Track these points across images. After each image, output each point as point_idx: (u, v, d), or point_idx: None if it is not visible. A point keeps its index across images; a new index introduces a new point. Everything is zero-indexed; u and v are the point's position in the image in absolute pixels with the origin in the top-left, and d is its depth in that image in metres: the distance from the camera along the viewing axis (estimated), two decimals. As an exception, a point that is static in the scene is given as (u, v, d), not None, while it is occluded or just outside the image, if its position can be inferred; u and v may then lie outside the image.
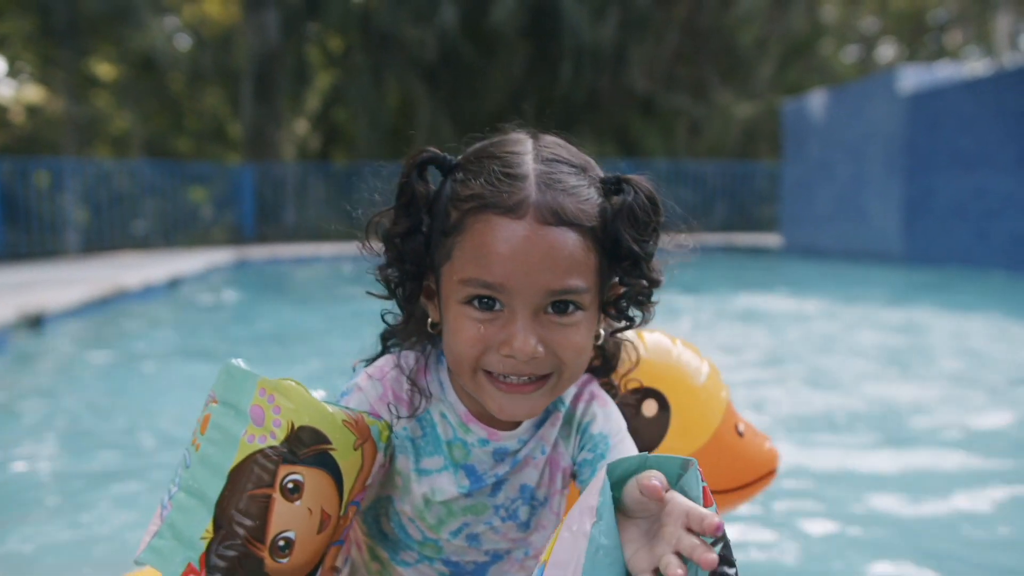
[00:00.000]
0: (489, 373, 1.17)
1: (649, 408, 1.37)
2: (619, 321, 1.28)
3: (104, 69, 21.59)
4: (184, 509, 1.10)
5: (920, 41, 25.68)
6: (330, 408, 1.16)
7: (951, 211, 12.81)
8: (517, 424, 1.28)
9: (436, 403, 1.29)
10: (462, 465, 1.28)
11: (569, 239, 1.12)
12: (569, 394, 1.31)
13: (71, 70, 19.76)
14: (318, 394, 1.18)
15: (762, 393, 4.46)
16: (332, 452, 1.15)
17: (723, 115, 22.43)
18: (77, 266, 11.89)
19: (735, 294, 9.27)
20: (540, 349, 1.12)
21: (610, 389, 1.36)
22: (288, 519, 1.11)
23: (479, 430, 1.27)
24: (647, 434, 1.37)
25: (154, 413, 4.17)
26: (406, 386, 1.27)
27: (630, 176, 1.23)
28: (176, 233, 16.49)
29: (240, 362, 1.15)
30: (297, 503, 1.12)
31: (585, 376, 1.33)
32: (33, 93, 21.12)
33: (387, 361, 1.30)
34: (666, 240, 1.27)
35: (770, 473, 1.45)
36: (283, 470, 1.11)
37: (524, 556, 1.35)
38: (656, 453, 1.29)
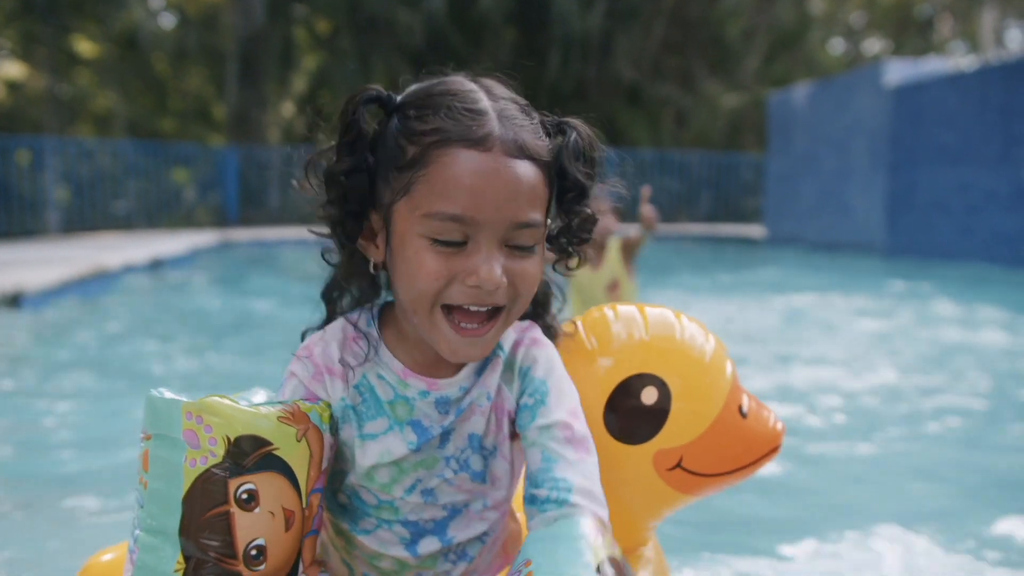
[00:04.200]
0: (446, 313, 1.18)
1: (649, 396, 1.33)
2: (560, 256, 1.32)
3: (86, 47, 21.36)
4: (150, 548, 1.12)
5: (906, 35, 25.77)
6: (262, 410, 1.16)
7: (934, 205, 12.89)
8: (455, 372, 1.28)
9: (371, 367, 1.28)
10: (407, 422, 1.27)
11: (531, 172, 1.16)
12: (508, 340, 1.30)
13: (53, 47, 19.54)
14: (257, 396, 1.19)
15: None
16: (276, 452, 1.15)
17: (709, 106, 22.45)
18: (57, 246, 11.80)
19: (714, 281, 9.31)
20: (504, 279, 1.15)
21: (547, 330, 1.37)
22: (253, 528, 1.12)
23: (418, 383, 1.27)
24: (646, 423, 1.33)
25: (131, 395, 4.14)
26: (336, 355, 1.27)
27: (568, 118, 1.28)
28: (159, 214, 16.36)
29: (162, 391, 1.15)
30: (256, 511, 1.13)
31: (527, 322, 1.34)
32: (14, 70, 20.86)
33: (313, 339, 1.31)
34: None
35: (773, 451, 1.41)
36: (233, 484, 1.12)
37: (483, 507, 1.34)
38: (657, 440, 1.31)
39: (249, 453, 1.13)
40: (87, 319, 6.68)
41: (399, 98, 1.24)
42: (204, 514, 1.10)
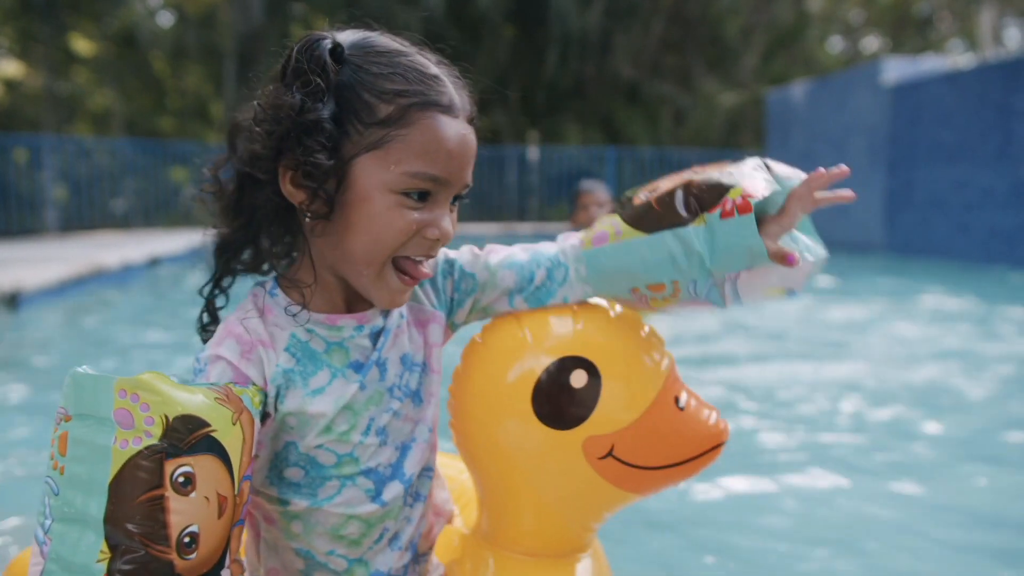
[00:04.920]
0: (396, 264, 1.23)
1: (578, 379, 1.30)
2: None
3: (84, 45, 21.34)
4: (66, 538, 1.04)
5: (905, 33, 25.77)
6: (199, 389, 1.11)
7: (932, 203, 12.90)
8: (370, 305, 1.32)
9: (294, 327, 1.28)
10: (347, 365, 1.29)
11: (474, 137, 1.26)
12: None
13: (51, 45, 19.52)
14: (175, 378, 1.13)
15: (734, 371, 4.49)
16: (214, 434, 1.10)
17: (708, 104, 22.46)
18: (55, 245, 11.78)
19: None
20: None
21: None
22: (188, 514, 1.06)
23: (350, 320, 1.30)
24: (575, 406, 1.30)
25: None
26: (262, 327, 1.26)
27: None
28: (156, 213, 16.34)
29: (86, 369, 1.09)
30: (192, 495, 1.07)
31: None
32: (12, 68, 20.84)
33: (229, 320, 1.27)
34: None
35: (715, 448, 1.36)
36: (170, 465, 1.05)
37: (428, 433, 1.38)
38: (587, 426, 1.30)
39: (187, 434, 1.07)
40: (85, 318, 6.67)
41: (346, 50, 1.25)
42: (135, 499, 1.03)
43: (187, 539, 1.06)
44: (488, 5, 20.67)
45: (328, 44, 1.24)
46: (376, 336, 1.32)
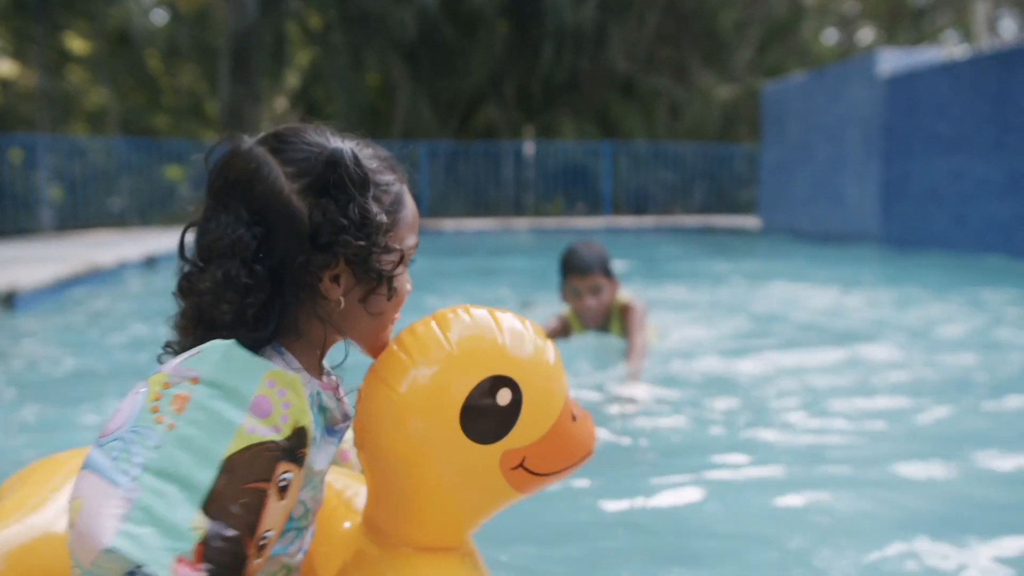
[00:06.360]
0: None
1: (503, 397, 1.36)
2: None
3: (78, 44, 21.29)
4: (159, 494, 1.01)
5: (900, 25, 25.78)
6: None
7: (928, 194, 12.91)
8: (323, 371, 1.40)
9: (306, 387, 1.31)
10: (325, 427, 1.35)
11: None
12: None
13: (45, 44, 19.47)
14: None
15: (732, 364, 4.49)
16: (304, 456, 1.15)
17: (703, 97, 22.44)
18: (51, 244, 11.76)
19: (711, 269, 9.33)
20: None
21: None
22: (274, 518, 1.09)
23: (328, 387, 1.37)
24: (500, 423, 1.37)
25: (127, 393, 4.13)
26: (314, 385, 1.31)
27: None
28: (152, 211, 16.32)
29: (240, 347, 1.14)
30: (283, 502, 1.10)
31: None
32: (6, 67, 20.79)
33: (274, 373, 1.18)
34: None
35: (588, 454, 1.48)
36: (280, 467, 1.08)
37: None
38: (506, 440, 1.37)
39: (300, 447, 1.12)
40: (82, 317, 6.66)
41: (350, 159, 1.29)
42: (246, 483, 1.04)
43: (263, 542, 1.08)
44: (482, 1, 20.63)
45: (348, 152, 1.28)
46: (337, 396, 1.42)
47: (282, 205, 1.23)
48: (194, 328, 1.29)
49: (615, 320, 4.29)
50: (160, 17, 22.74)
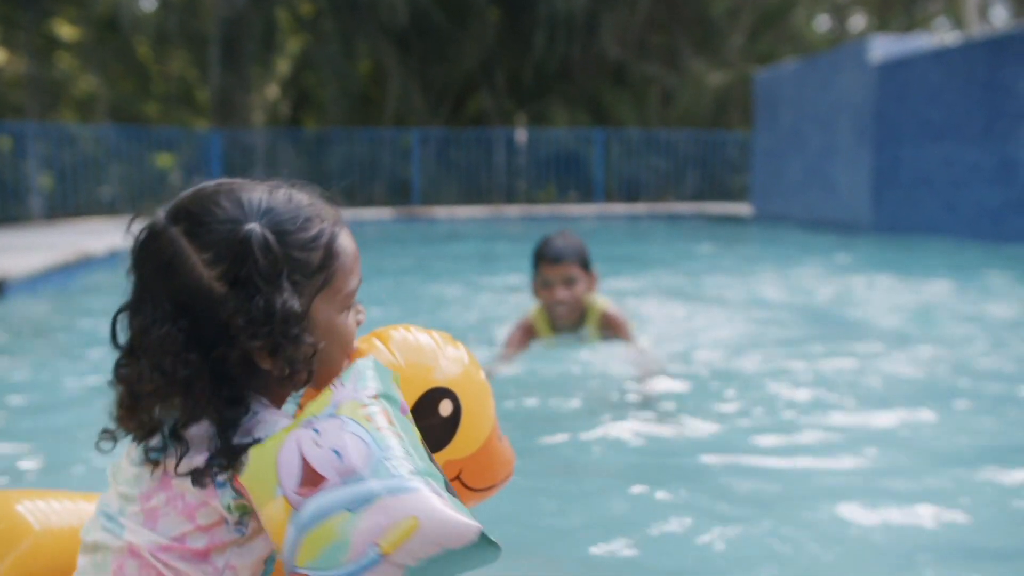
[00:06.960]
0: None
1: (445, 408, 1.41)
2: None
3: (67, 30, 21.14)
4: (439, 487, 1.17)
5: (891, 12, 25.75)
6: None
7: (919, 181, 12.93)
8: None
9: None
10: None
11: None
12: None
13: (33, 31, 19.33)
14: None
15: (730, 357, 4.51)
16: None
17: (695, 84, 22.41)
18: (41, 232, 11.71)
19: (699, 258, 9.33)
20: None
21: None
22: None
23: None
24: (442, 433, 1.41)
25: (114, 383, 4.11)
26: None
27: None
28: (143, 199, 16.25)
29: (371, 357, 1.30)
30: None
31: None
32: (-6, 55, 20.64)
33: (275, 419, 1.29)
34: None
35: (510, 475, 1.54)
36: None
37: None
38: (446, 451, 1.41)
39: None
40: (73, 305, 6.64)
41: (261, 229, 1.25)
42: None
43: None
44: (474, -14, 20.55)
45: (259, 236, 1.23)
46: None
47: (203, 296, 1.23)
48: (137, 413, 1.37)
49: (591, 324, 4.03)
50: (149, 3, 22.59)
